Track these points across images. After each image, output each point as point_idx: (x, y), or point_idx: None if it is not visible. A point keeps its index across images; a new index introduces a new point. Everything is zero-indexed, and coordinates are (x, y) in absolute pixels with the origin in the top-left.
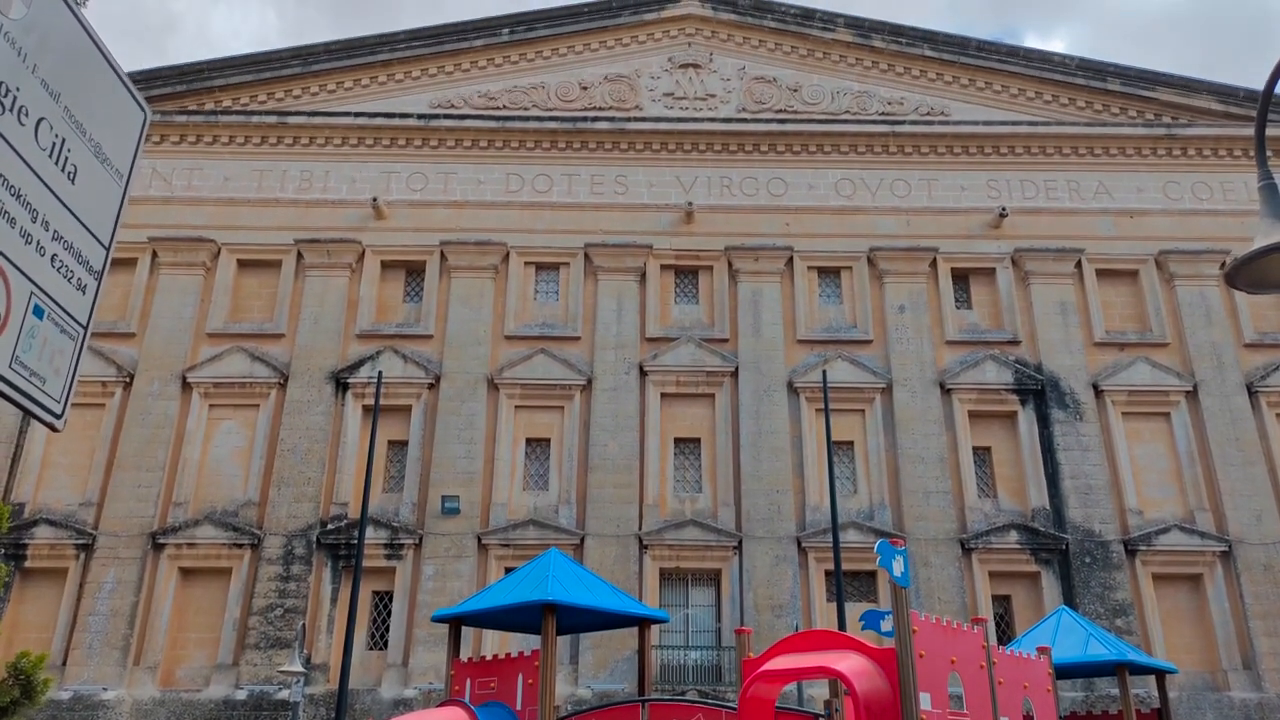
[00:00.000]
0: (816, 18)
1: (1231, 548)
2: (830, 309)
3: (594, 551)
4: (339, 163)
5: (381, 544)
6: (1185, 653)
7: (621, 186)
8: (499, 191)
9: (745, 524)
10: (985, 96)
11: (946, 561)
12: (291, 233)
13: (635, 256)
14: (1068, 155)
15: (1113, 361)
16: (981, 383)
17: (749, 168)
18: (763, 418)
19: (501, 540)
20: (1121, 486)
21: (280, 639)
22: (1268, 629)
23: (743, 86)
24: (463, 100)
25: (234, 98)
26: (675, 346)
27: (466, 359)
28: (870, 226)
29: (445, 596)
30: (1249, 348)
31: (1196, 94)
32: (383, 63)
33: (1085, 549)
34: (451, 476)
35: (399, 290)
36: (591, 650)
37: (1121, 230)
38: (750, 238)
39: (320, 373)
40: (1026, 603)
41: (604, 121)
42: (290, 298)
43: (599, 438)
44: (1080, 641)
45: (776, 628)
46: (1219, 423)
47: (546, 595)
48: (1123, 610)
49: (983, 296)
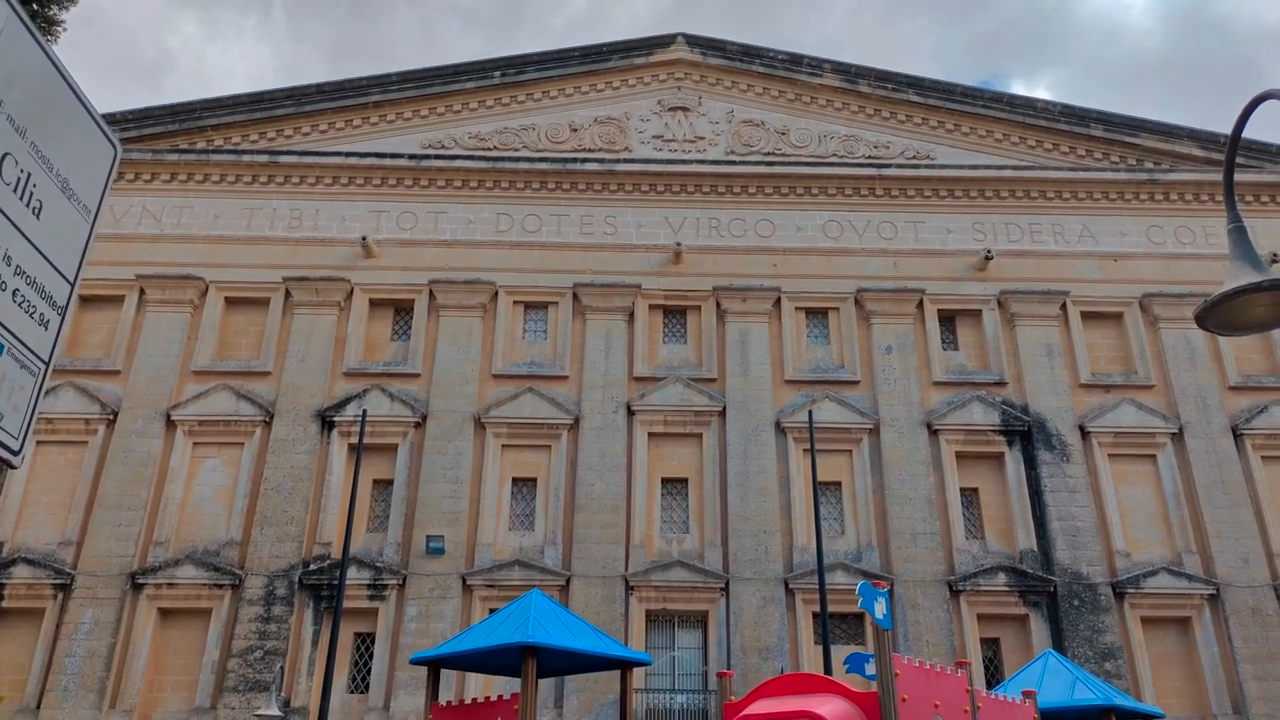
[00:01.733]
0: (804, 63)
1: (1219, 590)
2: (818, 349)
3: (580, 593)
4: (329, 202)
5: (364, 584)
6: (1175, 697)
7: (610, 227)
8: (488, 231)
9: (732, 565)
10: (971, 141)
11: (934, 604)
12: (280, 271)
13: (624, 296)
14: (1052, 199)
15: (1099, 403)
16: (968, 424)
17: (737, 209)
18: (750, 458)
19: (486, 581)
20: (1109, 528)
21: (259, 682)
22: (1257, 673)
23: (731, 129)
24: (453, 141)
25: (226, 136)
26: (663, 386)
27: (454, 398)
28: (857, 268)
29: (428, 638)
30: (1233, 390)
31: (1178, 140)
32: (374, 104)
33: (1073, 591)
34: (437, 516)
35: (387, 329)
36: (577, 693)
37: (1105, 273)
38: (738, 278)
39: (306, 411)
40: (1015, 645)
41: (593, 163)
42: (277, 335)
43: (586, 477)
44: (1067, 685)
45: (764, 670)
46: (1205, 465)
47: (526, 637)
48: (1111, 654)
49: (969, 338)
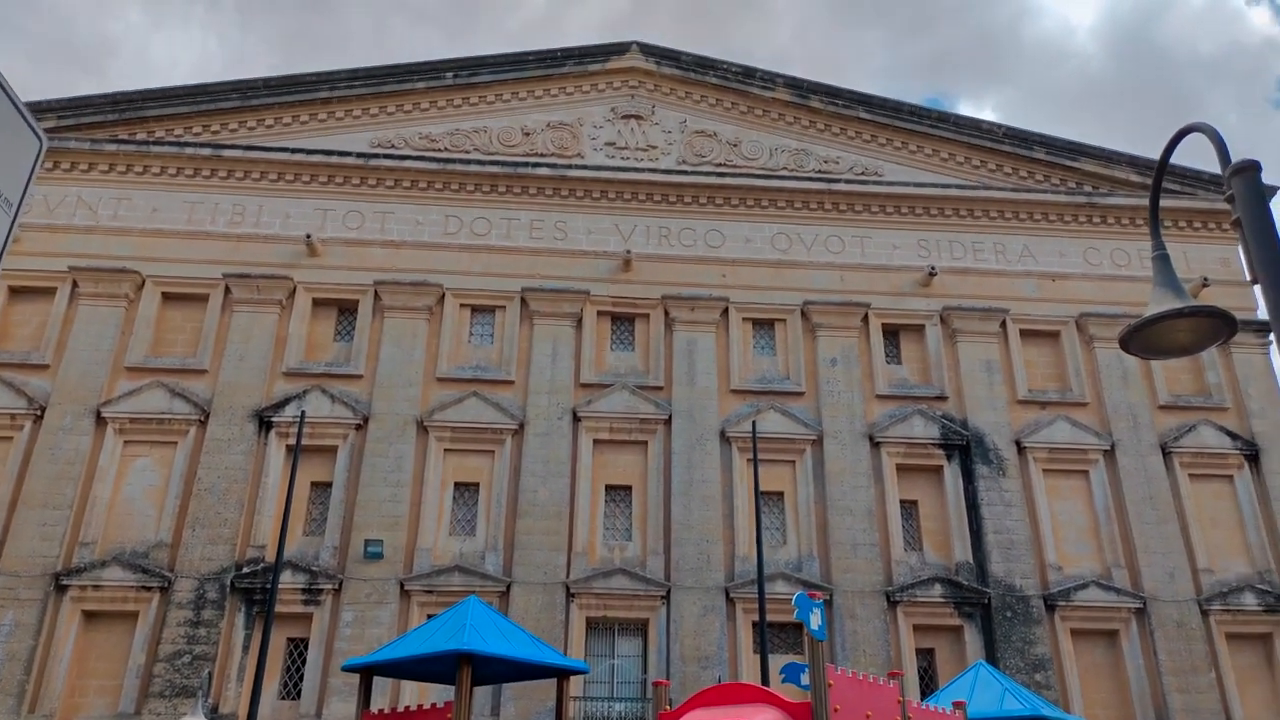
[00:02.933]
0: (757, 76)
1: (1146, 604)
2: (764, 360)
3: (520, 599)
4: (273, 198)
5: (299, 588)
6: (1101, 708)
7: (561, 232)
8: (437, 233)
9: (674, 573)
10: (918, 159)
11: (872, 614)
12: (220, 267)
13: (572, 302)
14: (995, 219)
15: (1034, 419)
16: (909, 437)
17: (687, 219)
18: (695, 467)
19: (425, 586)
20: (1042, 542)
21: (186, 687)
22: (1180, 685)
23: (684, 139)
24: (403, 141)
25: (168, 128)
26: (609, 393)
27: (396, 400)
28: (805, 281)
29: (364, 644)
30: (1163, 409)
31: (1116, 165)
32: (322, 100)
33: (1007, 603)
34: (376, 520)
35: (330, 329)
36: (514, 701)
37: (1044, 292)
38: (687, 287)
39: (243, 411)
40: (949, 656)
41: (545, 168)
42: (215, 333)
43: (529, 483)
44: (996, 696)
45: (702, 679)
46: (1135, 482)
47: (461, 645)
48: (1042, 665)
49: (912, 352)
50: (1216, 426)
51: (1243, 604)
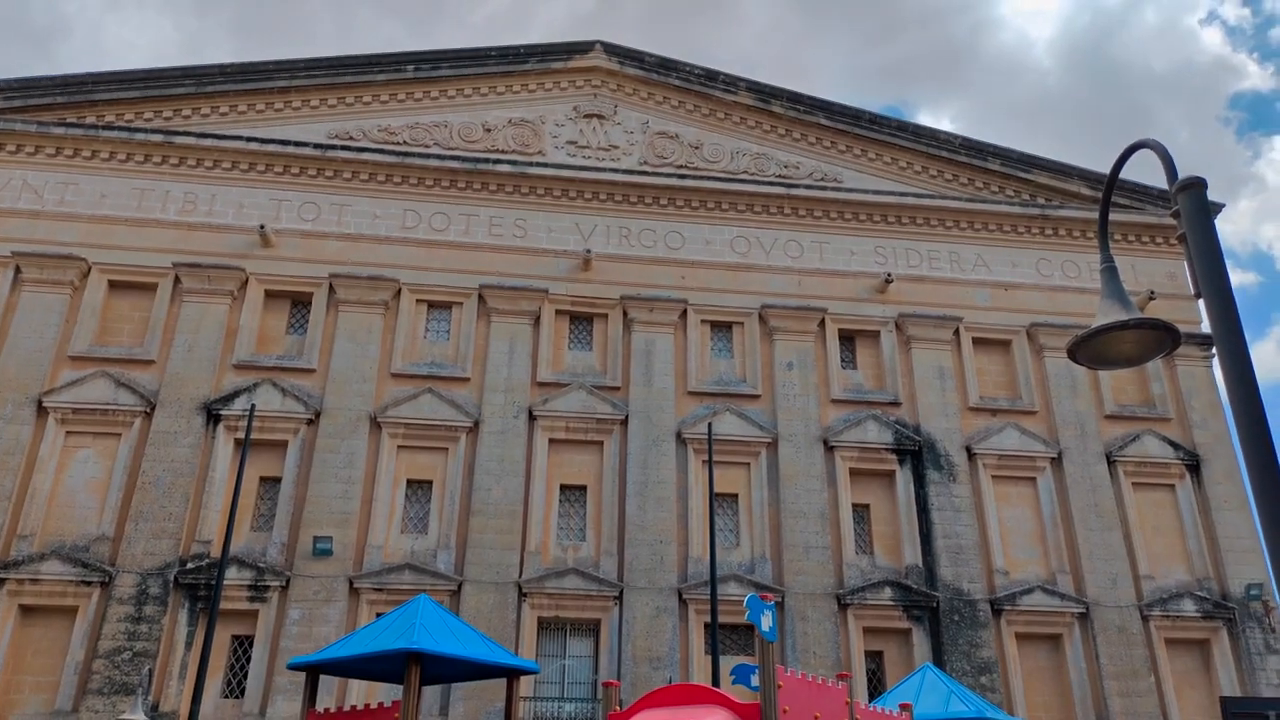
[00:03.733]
0: (720, 79)
1: (1089, 609)
2: (721, 362)
3: (471, 598)
4: (227, 187)
5: (245, 585)
6: (1044, 711)
7: (520, 230)
8: (394, 227)
9: (627, 574)
10: (876, 167)
11: (823, 617)
12: (170, 255)
13: (530, 300)
14: (950, 228)
15: (985, 426)
16: (863, 441)
17: (648, 219)
18: (650, 467)
19: (375, 584)
20: (990, 547)
21: (126, 684)
22: (1121, 689)
23: (645, 140)
24: (361, 133)
25: (119, 113)
26: (566, 392)
27: (349, 395)
28: (763, 284)
29: (310, 642)
30: (1109, 419)
31: (1069, 178)
32: (280, 89)
33: (954, 607)
34: (326, 516)
35: (282, 321)
36: (463, 701)
37: (996, 302)
38: (646, 288)
39: (191, 403)
40: (898, 659)
41: (506, 165)
42: (164, 323)
43: (483, 482)
44: (942, 699)
45: (653, 680)
46: (1080, 489)
47: (411, 644)
48: (987, 668)
49: (867, 358)
50: (1160, 436)
51: (1182, 610)
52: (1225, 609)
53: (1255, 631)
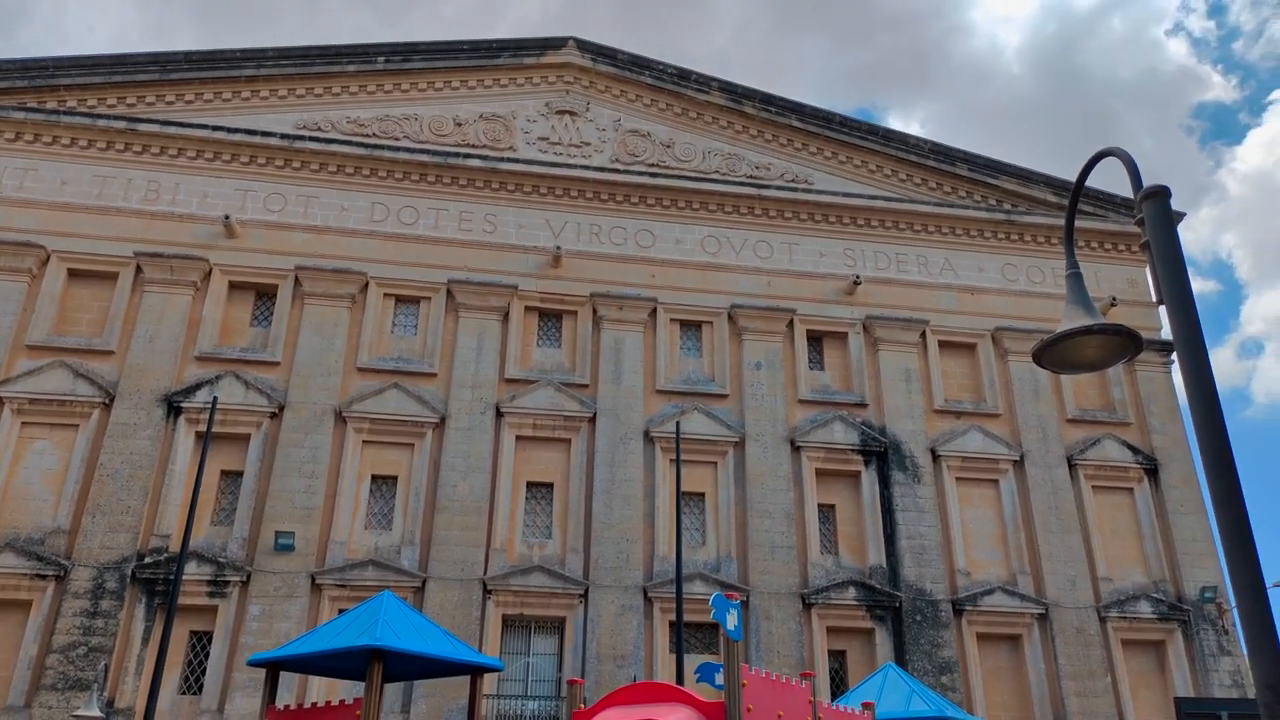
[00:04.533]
0: (692, 79)
1: (1048, 610)
2: (690, 361)
3: (435, 595)
4: (191, 176)
5: (205, 580)
6: (1003, 710)
7: (490, 225)
8: (362, 220)
9: (593, 572)
10: (847, 170)
11: (788, 616)
12: (132, 245)
13: (499, 296)
14: (918, 231)
15: (950, 428)
16: (829, 442)
17: (618, 217)
18: (617, 465)
19: (337, 581)
20: (952, 548)
21: (81, 680)
22: (1079, 689)
23: (617, 138)
24: (330, 124)
25: (81, 98)
26: (534, 389)
27: (314, 389)
28: (732, 284)
29: (271, 639)
30: (1071, 423)
31: (1034, 185)
32: (247, 78)
33: (917, 607)
34: (288, 511)
35: (246, 313)
36: (425, 699)
37: (963, 305)
38: (616, 286)
39: (151, 395)
40: (860, 658)
41: (477, 159)
42: (124, 313)
43: (449, 478)
44: (904, 698)
45: (617, 678)
46: (1042, 492)
47: (373, 640)
48: (948, 668)
49: (834, 359)
50: (1120, 441)
51: (1138, 612)
52: (1180, 611)
53: (1209, 633)
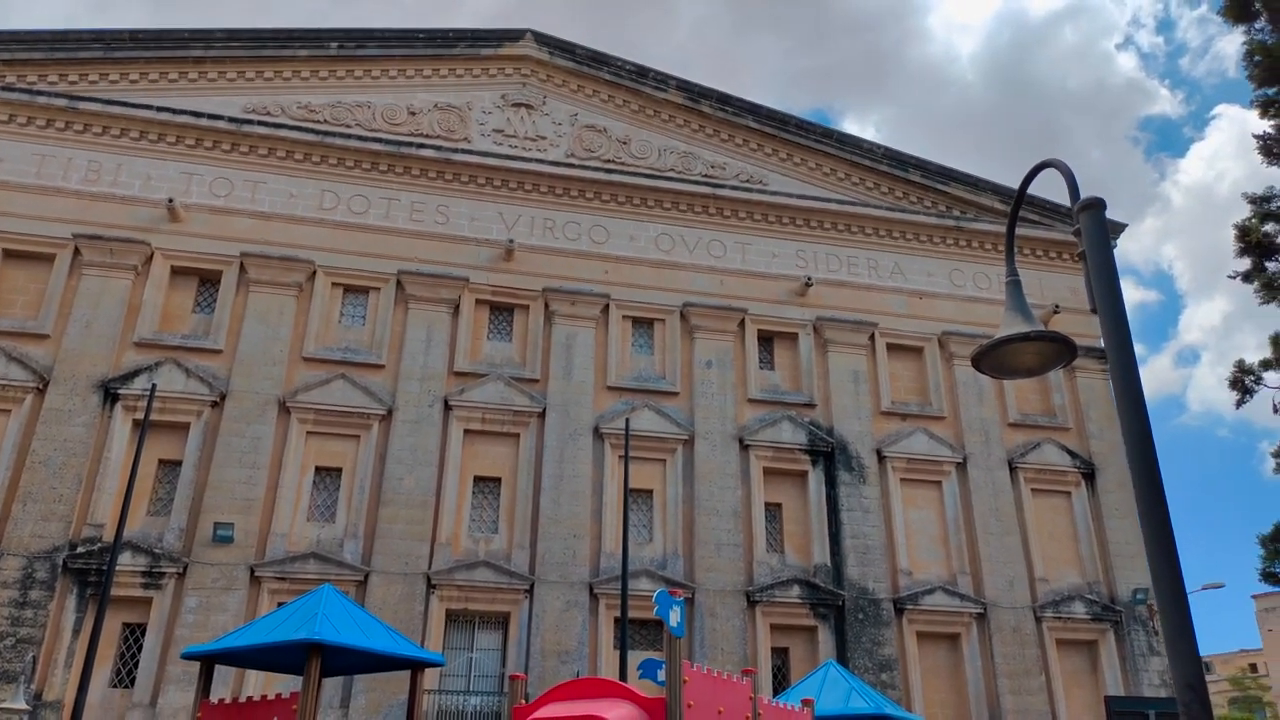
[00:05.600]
0: (650, 76)
1: (987, 610)
2: (641, 359)
3: (378, 589)
4: (134, 157)
5: (139, 571)
6: (941, 708)
7: (443, 216)
8: (311, 207)
9: (539, 567)
10: (801, 172)
11: (732, 613)
12: (70, 226)
13: (450, 288)
14: (870, 235)
15: (895, 430)
16: (778, 441)
17: (573, 212)
18: (566, 461)
19: (278, 573)
20: (895, 548)
21: (8, 672)
22: (1014, 687)
23: (573, 133)
24: (280, 109)
25: (20, 74)
26: (484, 383)
27: (258, 378)
28: (685, 282)
29: (208, 631)
30: (1012, 426)
31: (983, 192)
32: (195, 59)
33: (859, 606)
34: (228, 502)
35: (189, 299)
36: (365, 693)
37: (911, 309)
38: (569, 281)
39: (87, 380)
40: (803, 655)
41: (430, 149)
42: (61, 296)
43: (395, 471)
44: (843, 695)
45: (561, 673)
46: (983, 494)
47: (312, 634)
48: (888, 665)
49: (784, 359)
50: (1059, 445)
51: (1073, 612)
52: (1113, 612)
53: (1140, 634)
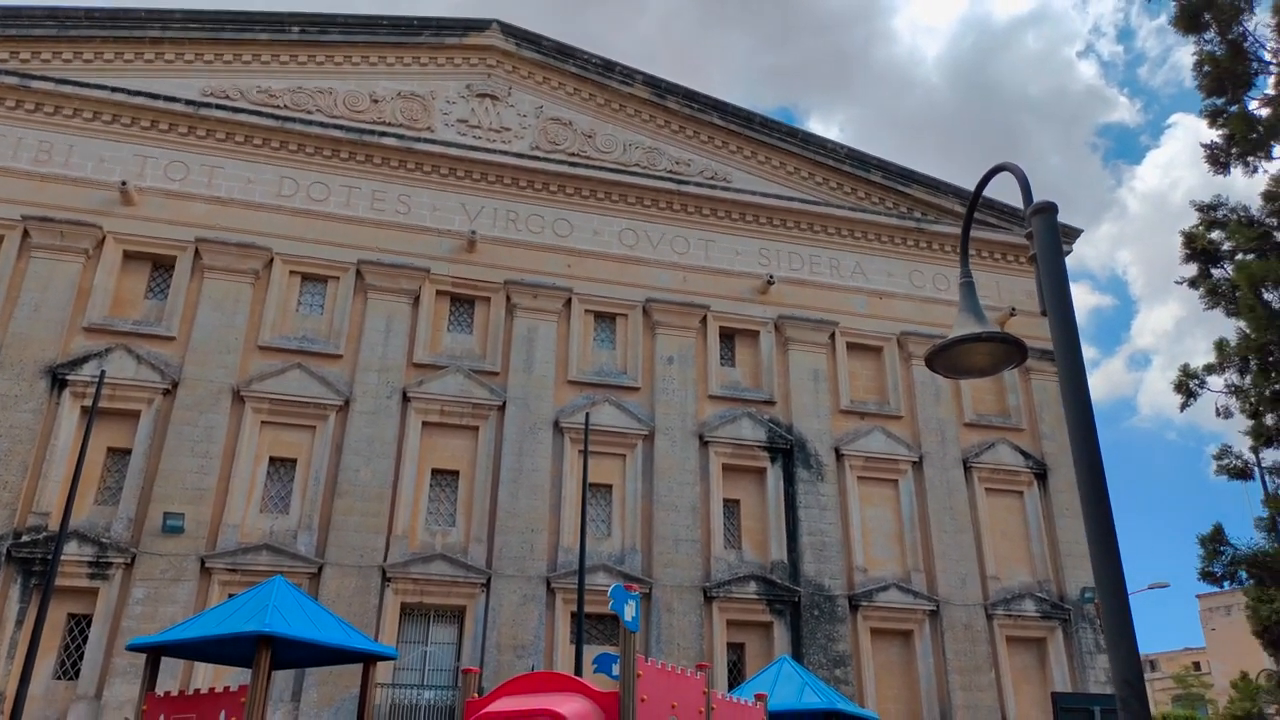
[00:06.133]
0: (617, 70)
1: (939, 607)
2: (603, 353)
3: (332, 581)
4: (87, 139)
5: (86, 561)
6: (893, 703)
7: (404, 206)
8: (269, 194)
9: (496, 561)
10: (765, 170)
11: (689, 608)
12: (19, 207)
13: (411, 279)
14: (832, 235)
15: (854, 429)
16: (737, 438)
17: (536, 205)
18: (525, 455)
19: (229, 565)
20: (851, 545)
21: None
22: (964, 683)
23: (538, 125)
24: (239, 93)
25: None
26: (443, 375)
27: (211, 366)
28: (648, 278)
29: (156, 623)
30: (968, 426)
31: (943, 195)
32: (152, 40)
33: (815, 602)
34: (179, 492)
35: (141, 285)
36: (316, 687)
37: (871, 309)
38: (531, 274)
39: (34, 366)
40: (758, 651)
41: (392, 138)
42: (9, 279)
43: (351, 462)
44: (796, 690)
45: (516, 668)
46: (938, 493)
47: (262, 626)
48: (842, 661)
49: (745, 356)
50: (1012, 446)
51: (1023, 610)
52: (1062, 610)
53: (1087, 632)
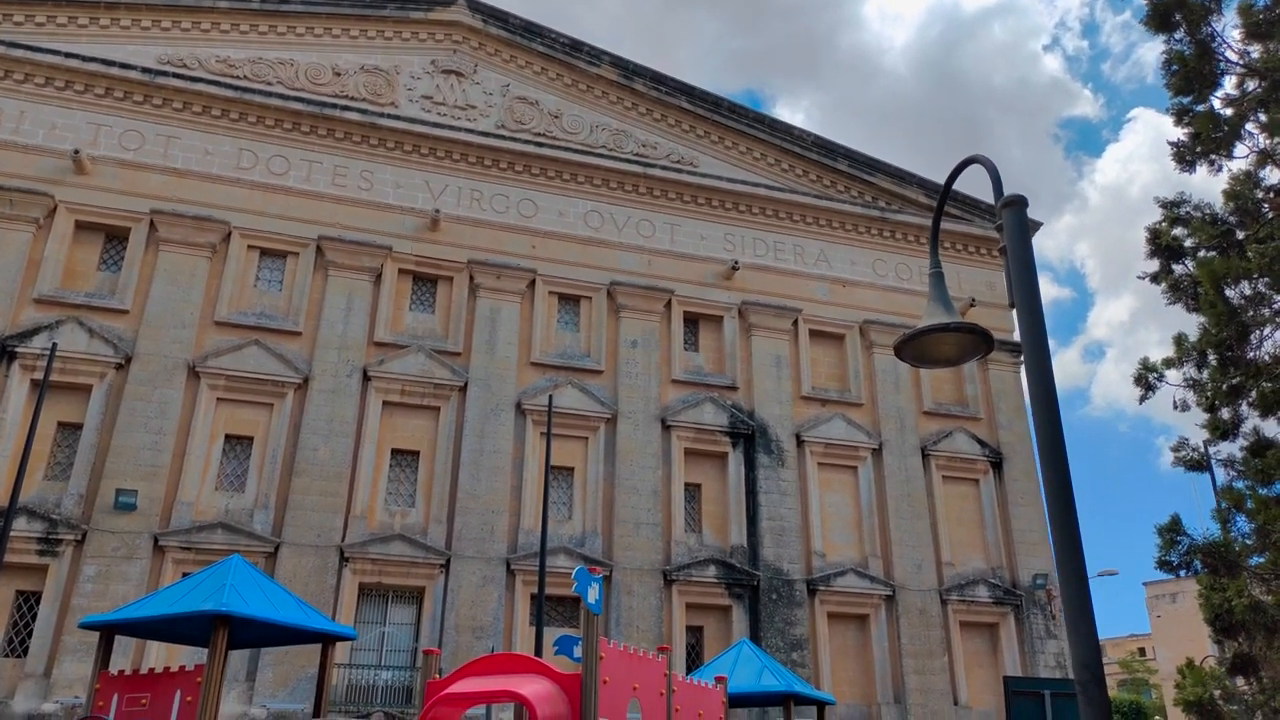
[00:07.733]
0: (584, 50)
1: (895, 593)
2: (566, 335)
3: (289, 561)
4: (38, 105)
5: (35, 538)
6: (848, 686)
7: (366, 182)
8: (228, 166)
9: (456, 542)
10: (732, 155)
11: (649, 591)
12: None
13: (373, 256)
14: (797, 222)
15: (815, 415)
16: (699, 423)
17: (501, 184)
18: (487, 436)
19: (183, 543)
20: (810, 530)
21: None
22: (918, 667)
23: (504, 104)
24: (197, 62)
25: None
26: (405, 354)
27: (166, 341)
28: (613, 261)
29: (107, 601)
30: (926, 415)
31: (908, 185)
32: (107, 5)
33: (773, 586)
34: (132, 469)
35: (94, 256)
36: (273, 667)
37: (834, 297)
38: (495, 254)
39: None
40: (717, 634)
41: (355, 112)
42: None
43: (309, 441)
44: (755, 673)
45: (475, 649)
46: (896, 479)
47: (219, 606)
48: (799, 645)
49: (709, 341)
50: (970, 434)
51: (976, 596)
52: (1014, 596)
53: (1038, 617)
